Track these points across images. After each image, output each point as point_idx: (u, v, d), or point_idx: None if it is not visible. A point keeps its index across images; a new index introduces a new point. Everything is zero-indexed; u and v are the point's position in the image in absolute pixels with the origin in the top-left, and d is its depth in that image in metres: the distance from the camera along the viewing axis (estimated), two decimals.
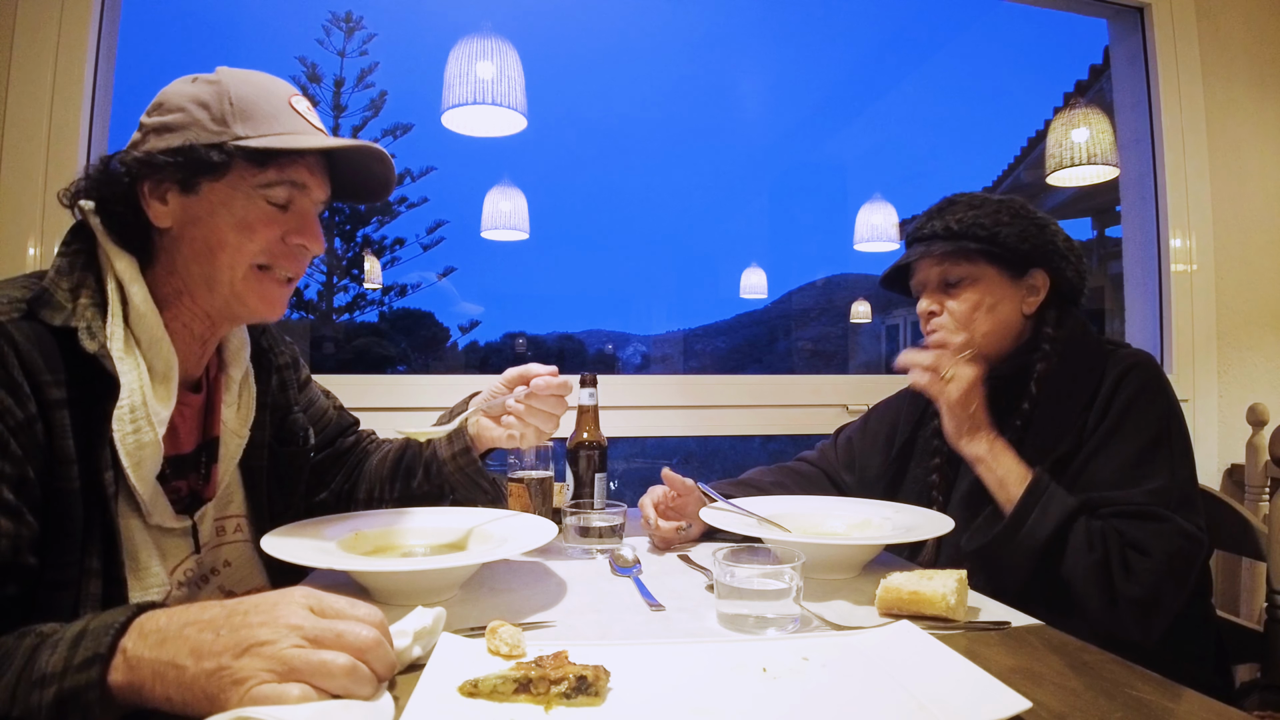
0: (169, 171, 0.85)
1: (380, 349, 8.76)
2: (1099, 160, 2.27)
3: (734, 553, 0.82)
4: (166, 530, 0.88)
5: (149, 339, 0.85)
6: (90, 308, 0.81)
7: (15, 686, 0.55)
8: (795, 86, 29.46)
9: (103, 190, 0.86)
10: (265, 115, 0.87)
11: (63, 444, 0.75)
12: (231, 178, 0.86)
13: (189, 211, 0.87)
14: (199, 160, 0.84)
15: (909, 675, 0.63)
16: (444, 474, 1.13)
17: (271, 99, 0.89)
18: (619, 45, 36.30)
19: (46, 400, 0.75)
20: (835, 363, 11.74)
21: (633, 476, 4.01)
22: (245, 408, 1.00)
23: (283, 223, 0.90)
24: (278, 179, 0.88)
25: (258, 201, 0.88)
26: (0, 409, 0.71)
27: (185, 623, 0.56)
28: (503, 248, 4.73)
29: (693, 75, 31.71)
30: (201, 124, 0.86)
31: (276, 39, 19.74)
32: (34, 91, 1.55)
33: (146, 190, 0.86)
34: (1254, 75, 2.30)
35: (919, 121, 18.13)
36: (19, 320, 0.75)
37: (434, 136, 7.88)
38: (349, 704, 0.53)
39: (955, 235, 1.19)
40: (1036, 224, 1.19)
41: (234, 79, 0.89)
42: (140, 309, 0.84)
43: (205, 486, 0.96)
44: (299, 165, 0.90)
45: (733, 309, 13.57)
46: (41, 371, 0.75)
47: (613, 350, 12.95)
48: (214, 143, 0.84)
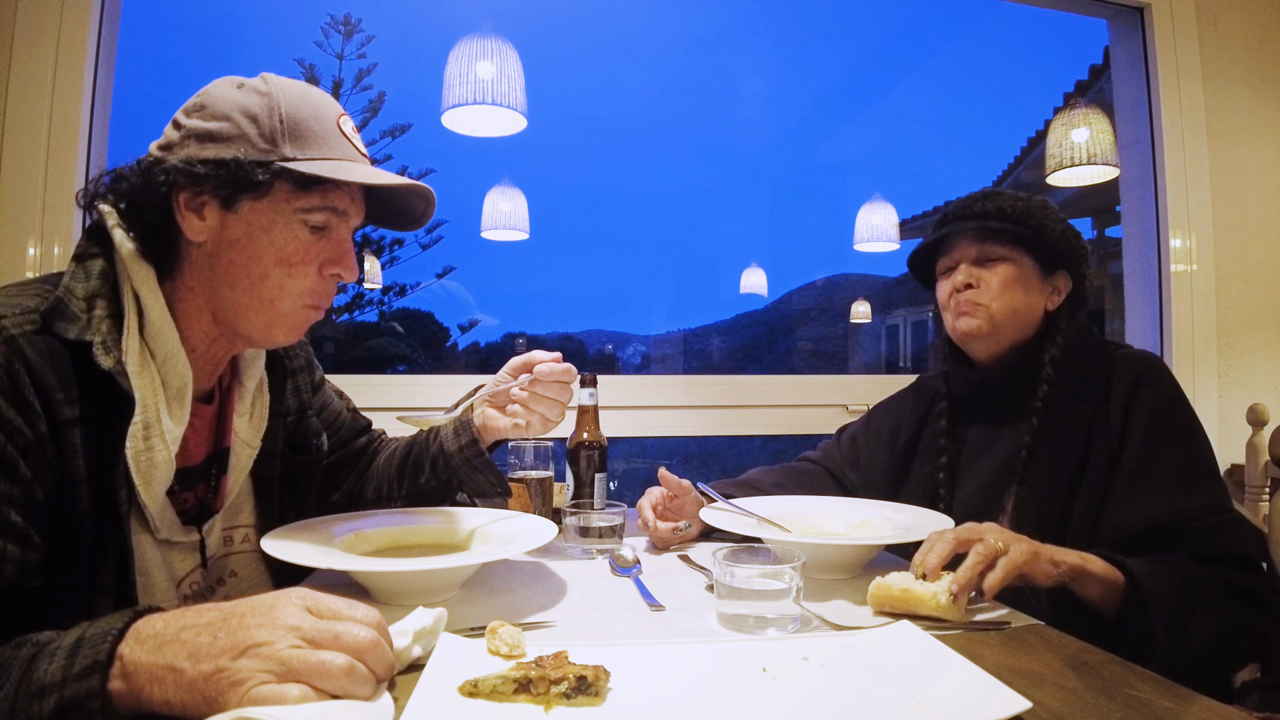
0: (210, 184, 0.81)
1: (395, 349, 8.76)
2: (1099, 160, 2.27)
3: (734, 553, 0.82)
4: (173, 544, 0.87)
5: (164, 354, 0.82)
6: (106, 320, 0.78)
7: (14, 698, 0.54)
8: (795, 86, 29.44)
9: (137, 194, 0.82)
10: (315, 137, 0.85)
11: (74, 464, 0.73)
12: (273, 198, 0.84)
13: (228, 230, 0.84)
14: (245, 178, 0.81)
15: (909, 675, 0.63)
16: (451, 467, 1.11)
17: (321, 119, 0.86)
18: (619, 45, 36.27)
19: (58, 419, 0.72)
20: (835, 363, 11.75)
21: (633, 476, 4.00)
22: (258, 417, 0.98)
23: (319, 251, 0.88)
24: (321, 205, 0.86)
25: (296, 228, 0.85)
26: (10, 429, 0.69)
27: (182, 626, 0.55)
28: (503, 248, 4.73)
29: (693, 75, 31.69)
30: (249, 138, 0.82)
31: (275, 40, 19.74)
32: (34, 91, 1.55)
33: (183, 201, 0.83)
34: (1254, 75, 2.30)
35: (919, 121, 18.15)
36: (32, 334, 0.73)
37: (434, 136, 7.87)
38: (349, 704, 0.53)
39: (1007, 217, 1.21)
40: (1073, 229, 1.23)
41: (285, 93, 0.85)
42: (156, 323, 0.82)
43: (214, 498, 0.95)
44: (342, 192, 0.87)
45: (733, 309, 13.58)
46: (54, 389, 0.72)
47: (613, 350, 12.95)
48: (262, 161, 0.82)
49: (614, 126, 36.85)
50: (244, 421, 0.97)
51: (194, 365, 0.86)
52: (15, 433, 0.69)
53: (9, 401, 0.69)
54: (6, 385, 0.69)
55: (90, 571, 0.76)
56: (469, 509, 1.11)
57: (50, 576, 0.72)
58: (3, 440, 0.68)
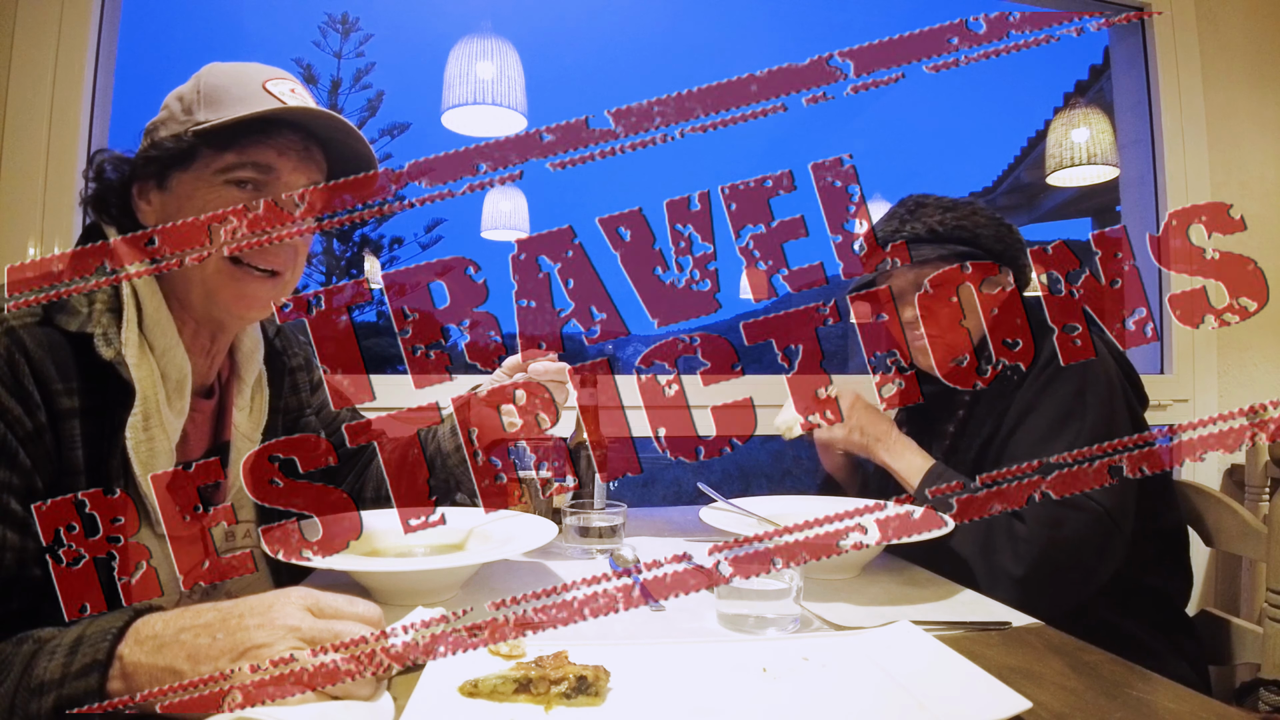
0: (146, 169, 0.84)
1: (395, 349, 8.74)
2: (1099, 160, 2.28)
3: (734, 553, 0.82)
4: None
5: (163, 346, 0.83)
6: (106, 313, 0.79)
7: (14, 694, 0.54)
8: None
9: (98, 193, 0.86)
10: (233, 99, 0.84)
11: (72, 454, 0.74)
12: (197, 167, 0.84)
13: (165, 209, 0.86)
14: (165, 152, 0.83)
15: (909, 675, 0.63)
16: (449, 467, 1.11)
17: (244, 84, 0.85)
18: (619, 45, 36.27)
19: (58, 410, 0.73)
20: (835, 363, 11.75)
21: (632, 476, 3.99)
22: (258, 412, 0.99)
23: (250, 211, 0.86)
24: (239, 161, 0.84)
25: (220, 189, 0.84)
26: (9, 419, 0.69)
27: (181, 627, 0.55)
28: (503, 248, 4.70)
29: (693, 74, 31.71)
30: (174, 116, 0.84)
31: (274, 40, 19.74)
32: (34, 91, 1.55)
33: (136, 192, 0.86)
34: (1254, 76, 2.29)
35: (919, 121, 18.14)
36: (33, 325, 0.74)
37: (434, 136, 7.87)
38: (349, 704, 0.53)
39: (939, 238, 1.19)
40: (1004, 224, 1.22)
41: (215, 70, 0.86)
42: (154, 316, 0.83)
43: (215, 492, 0.95)
44: (264, 147, 0.85)
45: (733, 309, 13.58)
46: (54, 380, 0.73)
47: (613, 350, 12.94)
48: (177, 132, 0.83)
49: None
50: (244, 415, 0.97)
51: (190, 358, 0.87)
52: (15, 422, 0.70)
53: (9, 391, 0.70)
54: (7, 375, 0.70)
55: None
56: (469, 509, 1.11)
57: (48, 566, 0.72)
58: (3, 429, 0.69)
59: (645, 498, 5.35)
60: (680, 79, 29.80)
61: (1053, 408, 1.08)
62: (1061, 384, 1.09)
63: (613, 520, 1.12)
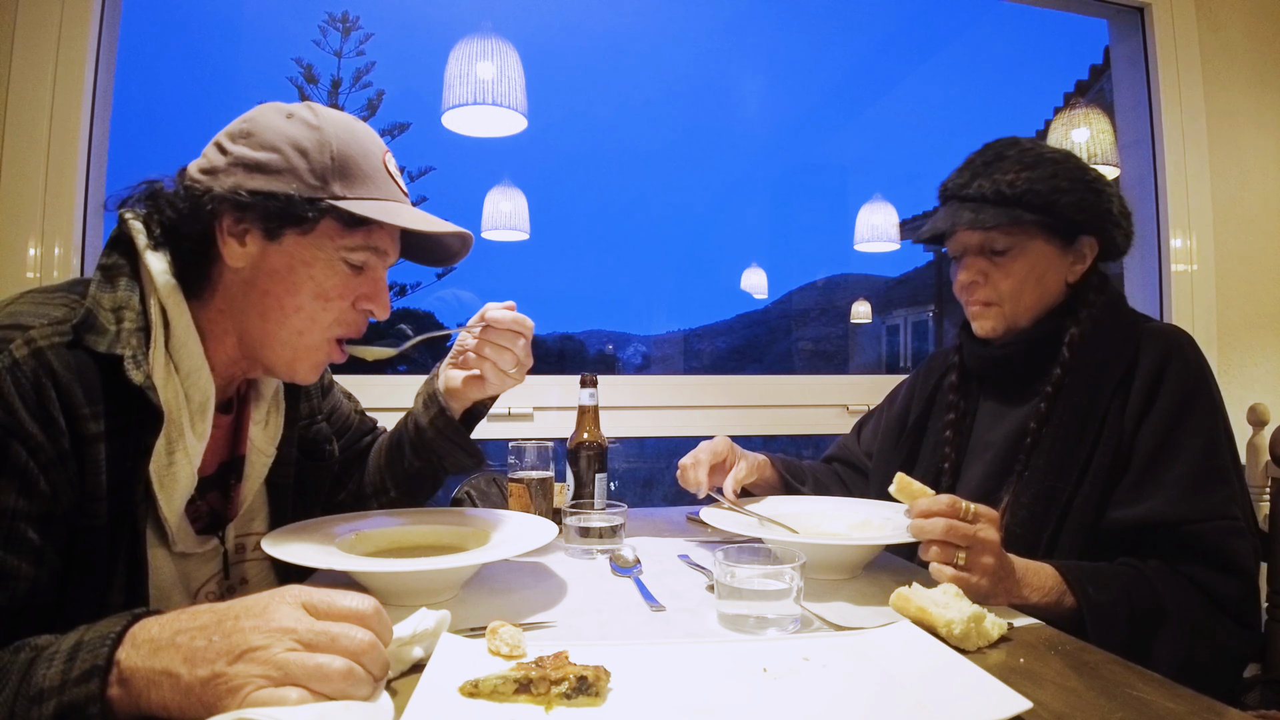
0: (256, 214, 0.81)
1: None
2: (1099, 160, 2.27)
3: (734, 553, 0.82)
4: (190, 555, 0.87)
5: (188, 368, 0.82)
6: (135, 333, 0.77)
7: (13, 703, 0.54)
8: (795, 86, 29.43)
9: (181, 218, 0.82)
10: (363, 176, 0.85)
11: (95, 480, 0.73)
12: (317, 234, 0.84)
13: (268, 260, 0.84)
14: (293, 213, 0.81)
15: (909, 675, 0.63)
16: (426, 441, 1.08)
17: (369, 158, 0.86)
18: (619, 45, 36.25)
19: (83, 435, 0.72)
20: (835, 363, 11.75)
21: (633, 477, 3.99)
22: (274, 425, 0.98)
23: (356, 287, 0.88)
24: (364, 244, 0.86)
25: (337, 265, 0.86)
26: (32, 445, 0.68)
27: (177, 630, 0.55)
28: (503, 248, 4.72)
29: (693, 74, 31.67)
30: (299, 173, 0.82)
31: (274, 40, 19.73)
32: (34, 91, 1.55)
33: (225, 226, 0.82)
34: (1254, 76, 2.29)
35: (919, 121, 18.17)
36: (61, 346, 0.72)
37: (433, 136, 7.85)
38: (349, 705, 0.53)
39: (1006, 201, 1.07)
40: (1094, 190, 1.09)
41: (335, 128, 0.85)
42: (181, 338, 0.81)
43: (228, 506, 0.94)
44: (384, 232, 0.88)
45: (733, 309, 13.59)
46: (80, 404, 0.72)
47: (613, 350, 12.95)
48: (312, 198, 0.82)
49: (614, 127, 36.89)
50: (260, 430, 0.97)
51: (215, 381, 0.86)
52: (38, 449, 0.68)
53: (33, 417, 0.68)
54: (32, 400, 0.69)
55: (102, 587, 0.75)
56: (469, 509, 1.11)
57: (61, 591, 0.72)
58: (26, 456, 0.68)
59: (645, 498, 5.37)
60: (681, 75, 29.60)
61: (1191, 447, 0.99)
62: (1191, 414, 1.00)
63: (613, 520, 1.12)
